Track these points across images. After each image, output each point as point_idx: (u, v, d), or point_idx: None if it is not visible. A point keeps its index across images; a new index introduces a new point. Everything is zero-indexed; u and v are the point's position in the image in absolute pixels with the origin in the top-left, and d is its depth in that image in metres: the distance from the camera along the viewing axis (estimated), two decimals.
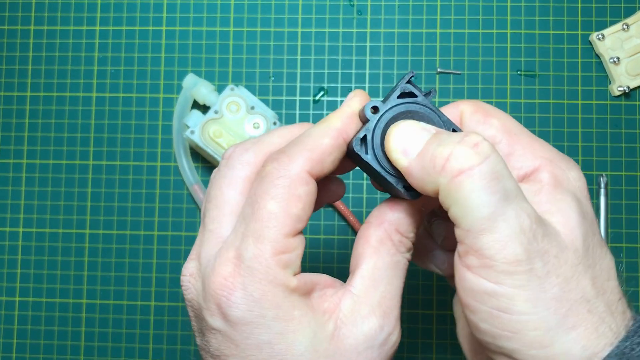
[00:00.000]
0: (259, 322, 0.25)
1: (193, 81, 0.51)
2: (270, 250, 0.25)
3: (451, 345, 0.51)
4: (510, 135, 0.27)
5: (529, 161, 0.27)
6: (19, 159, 0.54)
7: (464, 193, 0.23)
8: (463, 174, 0.23)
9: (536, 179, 0.26)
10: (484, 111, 0.28)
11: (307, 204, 0.26)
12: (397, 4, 0.53)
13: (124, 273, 0.52)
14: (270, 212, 0.25)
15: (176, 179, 0.53)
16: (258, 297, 0.25)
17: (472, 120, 0.28)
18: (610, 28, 0.51)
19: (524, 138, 0.27)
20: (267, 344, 0.25)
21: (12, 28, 0.55)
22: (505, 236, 0.23)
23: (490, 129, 0.28)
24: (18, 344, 0.52)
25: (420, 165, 0.24)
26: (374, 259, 0.27)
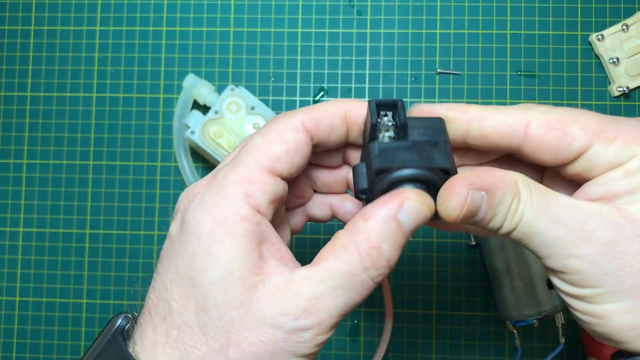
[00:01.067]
0: (195, 232, 0.25)
1: (193, 81, 0.51)
2: (239, 175, 0.25)
3: (451, 345, 0.51)
4: (594, 136, 0.26)
5: (623, 154, 0.26)
6: (20, 159, 0.54)
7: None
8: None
9: (627, 168, 0.26)
10: (559, 125, 0.26)
11: (291, 148, 0.26)
12: (397, 4, 0.53)
13: (124, 273, 0.52)
14: (254, 144, 0.26)
15: (176, 179, 0.53)
16: (206, 207, 0.25)
17: (549, 139, 0.26)
18: (610, 29, 0.51)
19: (609, 131, 0.26)
20: (190, 255, 0.25)
21: (12, 28, 0.55)
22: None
23: (575, 141, 0.26)
24: (18, 343, 0.52)
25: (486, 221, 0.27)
26: (330, 261, 0.25)
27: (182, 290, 0.25)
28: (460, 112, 0.27)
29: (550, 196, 0.26)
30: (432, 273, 0.51)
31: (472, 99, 0.52)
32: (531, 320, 0.47)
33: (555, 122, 0.26)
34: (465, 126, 0.27)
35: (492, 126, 0.27)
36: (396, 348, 0.51)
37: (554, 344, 0.50)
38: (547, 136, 0.26)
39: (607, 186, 0.26)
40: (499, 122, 0.27)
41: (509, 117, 0.27)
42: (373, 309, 0.51)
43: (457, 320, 0.51)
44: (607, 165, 0.26)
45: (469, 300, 0.51)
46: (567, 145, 0.26)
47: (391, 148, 0.26)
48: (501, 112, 0.27)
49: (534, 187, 0.26)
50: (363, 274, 0.25)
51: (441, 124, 0.27)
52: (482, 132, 0.27)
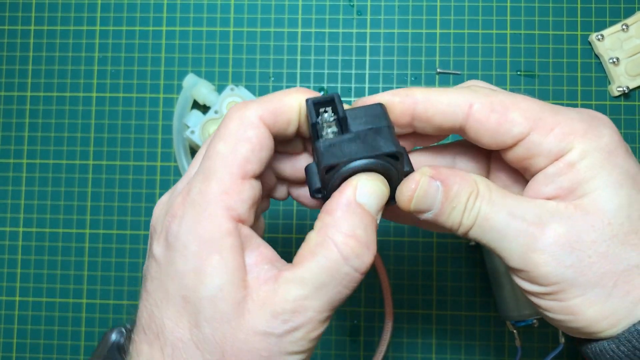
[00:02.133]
0: (182, 252, 0.25)
1: (193, 81, 0.51)
2: (216, 187, 0.25)
3: (451, 345, 0.51)
4: (535, 122, 0.27)
5: (561, 143, 0.26)
6: (19, 158, 0.54)
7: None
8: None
9: (567, 160, 0.26)
10: (501, 109, 0.27)
11: (256, 146, 0.26)
12: (397, 4, 0.53)
13: (124, 273, 0.52)
14: (218, 152, 0.26)
15: (176, 179, 0.53)
16: (189, 227, 0.25)
17: (489, 122, 0.27)
18: (610, 28, 0.51)
19: (548, 119, 0.27)
20: (180, 277, 0.25)
21: (12, 28, 0.55)
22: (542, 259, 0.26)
23: (514, 127, 0.27)
24: (18, 343, 0.52)
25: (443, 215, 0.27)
26: (310, 261, 0.25)
27: (174, 309, 0.25)
28: (405, 95, 0.28)
29: (508, 195, 0.27)
30: (432, 273, 0.51)
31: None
32: (531, 321, 0.47)
33: (498, 105, 0.27)
34: (411, 109, 0.28)
35: (436, 108, 0.27)
36: (396, 348, 0.51)
37: (554, 344, 0.50)
38: (489, 119, 0.27)
39: (556, 183, 0.26)
40: (443, 103, 0.27)
41: (453, 98, 0.27)
42: (373, 309, 0.51)
43: (457, 321, 0.51)
44: (546, 154, 0.26)
45: (468, 300, 0.51)
46: (507, 130, 0.27)
47: (335, 143, 0.26)
48: (445, 93, 0.28)
49: (494, 187, 0.27)
50: (345, 265, 0.25)
51: (381, 110, 0.27)
52: (427, 114, 0.28)
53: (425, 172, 0.27)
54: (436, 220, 0.28)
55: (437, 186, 0.27)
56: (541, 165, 0.27)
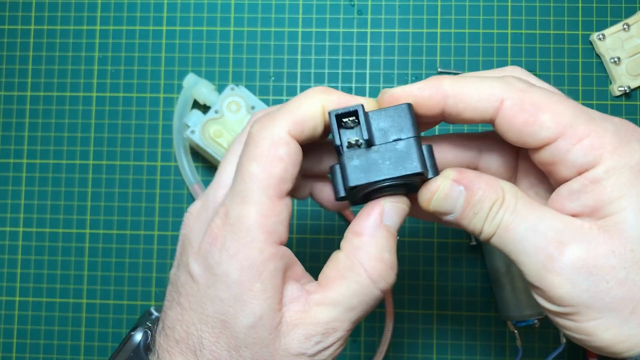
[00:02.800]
0: (223, 279, 0.25)
1: (193, 81, 0.51)
2: (255, 212, 0.25)
3: (451, 345, 0.51)
4: (564, 129, 0.25)
5: (589, 156, 0.25)
6: (19, 158, 0.54)
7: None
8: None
9: (593, 177, 0.25)
10: (532, 109, 0.25)
11: (289, 164, 0.26)
12: (397, 3, 0.53)
13: (124, 273, 0.52)
14: (252, 174, 0.26)
15: (176, 179, 0.53)
16: (232, 254, 0.25)
17: (518, 121, 0.26)
18: (611, 28, 0.51)
19: (580, 128, 0.25)
20: (220, 302, 0.26)
21: (12, 28, 0.55)
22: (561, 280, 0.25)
23: (542, 130, 0.25)
24: (18, 343, 0.52)
25: (465, 219, 0.27)
26: (340, 284, 0.26)
27: (213, 331, 0.26)
28: (435, 88, 0.27)
29: (534, 206, 0.26)
30: (433, 273, 0.51)
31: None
32: (532, 321, 0.47)
33: (530, 104, 0.26)
34: (441, 104, 0.27)
35: (466, 103, 0.26)
36: (397, 348, 0.51)
37: (555, 344, 0.50)
38: (517, 118, 0.26)
39: (581, 201, 0.25)
40: (473, 98, 0.26)
41: (484, 92, 0.26)
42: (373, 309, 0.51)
43: (458, 321, 0.51)
44: (571, 164, 0.25)
45: (469, 300, 0.51)
46: (535, 132, 0.26)
47: (361, 160, 0.26)
48: (477, 86, 0.26)
49: (521, 197, 0.26)
50: (374, 289, 0.26)
51: (408, 114, 0.27)
52: (457, 109, 0.27)
53: (449, 175, 0.27)
54: (458, 223, 0.28)
55: (460, 190, 0.27)
56: (565, 174, 0.26)
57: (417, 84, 0.27)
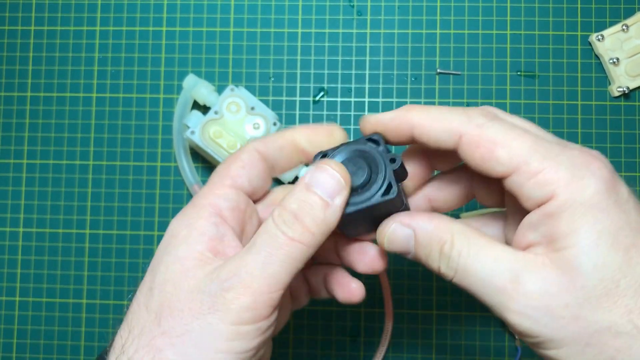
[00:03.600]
0: (167, 234, 0.30)
1: (193, 82, 0.51)
2: (206, 190, 0.30)
3: (451, 345, 0.51)
4: (519, 165, 0.26)
5: (541, 191, 0.26)
6: (19, 159, 0.54)
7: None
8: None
9: (548, 211, 0.26)
10: (488, 144, 0.27)
11: (246, 164, 0.31)
12: (397, 4, 0.53)
13: (124, 273, 0.52)
14: (218, 169, 0.31)
15: (176, 179, 0.53)
16: (179, 216, 0.30)
17: (475, 156, 0.27)
18: (610, 29, 0.51)
19: (534, 163, 0.26)
20: (158, 252, 0.29)
21: (12, 28, 0.55)
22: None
23: (497, 165, 0.27)
24: (18, 344, 0.52)
25: (421, 259, 0.29)
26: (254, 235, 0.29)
27: (144, 281, 0.29)
28: (403, 118, 0.29)
29: (489, 247, 0.27)
30: (432, 273, 0.51)
31: (472, 99, 0.52)
32: None
33: (486, 141, 0.27)
34: (409, 133, 0.29)
35: (429, 135, 0.29)
36: (396, 348, 0.51)
37: None
38: (474, 153, 0.27)
39: (539, 232, 0.26)
40: (436, 130, 0.28)
41: (445, 125, 0.28)
42: (373, 310, 0.51)
43: (457, 321, 0.51)
44: (529, 198, 0.26)
45: (468, 300, 0.51)
46: (492, 167, 0.27)
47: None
48: (440, 118, 0.28)
49: (474, 240, 0.27)
50: (276, 230, 0.27)
51: (371, 148, 0.30)
52: (422, 139, 0.29)
53: (397, 219, 0.29)
54: (418, 261, 0.29)
55: (409, 233, 0.29)
56: (527, 205, 0.27)
57: (389, 113, 0.30)
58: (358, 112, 0.53)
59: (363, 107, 0.53)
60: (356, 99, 0.53)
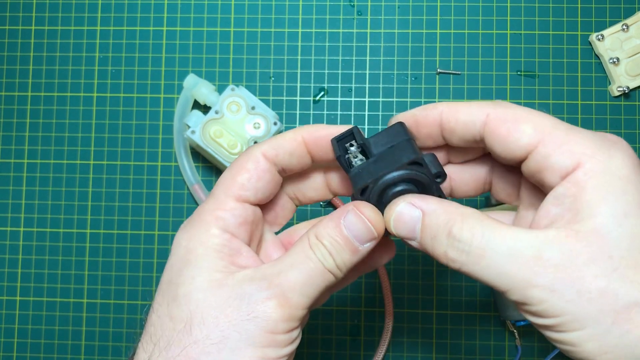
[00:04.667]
0: (175, 248, 0.29)
1: (194, 81, 0.51)
2: (211, 204, 0.30)
3: (451, 344, 0.51)
4: (544, 136, 0.27)
5: (568, 160, 0.26)
6: (20, 158, 0.54)
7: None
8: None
9: (574, 180, 0.26)
10: (513, 119, 0.27)
11: (253, 176, 0.30)
12: (397, 4, 0.54)
13: (125, 272, 0.52)
14: (221, 179, 0.31)
15: (177, 179, 0.53)
16: (185, 230, 0.30)
17: (501, 131, 0.28)
18: (610, 29, 0.51)
19: (559, 135, 0.26)
20: (170, 266, 0.29)
21: (13, 28, 0.55)
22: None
23: (523, 137, 0.27)
24: (19, 343, 0.52)
25: (427, 245, 0.28)
26: (290, 250, 0.29)
27: (161, 294, 0.28)
28: (432, 108, 0.30)
29: (504, 229, 0.26)
30: (432, 273, 0.51)
31: (473, 99, 0.52)
32: None
33: (511, 117, 0.28)
34: (438, 120, 0.29)
35: (457, 118, 0.29)
36: (396, 347, 0.51)
37: None
38: (500, 128, 0.28)
39: (564, 204, 0.26)
40: (463, 113, 0.29)
41: (473, 109, 0.29)
42: (373, 309, 0.51)
43: (457, 320, 0.51)
44: (554, 169, 0.26)
45: (469, 299, 0.51)
46: (516, 140, 0.27)
47: (362, 168, 0.29)
48: (467, 104, 0.29)
49: (487, 221, 0.27)
50: (315, 258, 0.28)
51: (400, 128, 0.30)
52: (450, 124, 0.29)
53: (407, 199, 0.28)
54: (423, 250, 0.29)
55: (418, 214, 0.28)
56: (551, 180, 0.26)
57: (418, 107, 0.30)
58: (358, 112, 0.53)
59: (363, 107, 0.53)
60: (356, 98, 0.53)
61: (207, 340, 0.26)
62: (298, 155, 0.31)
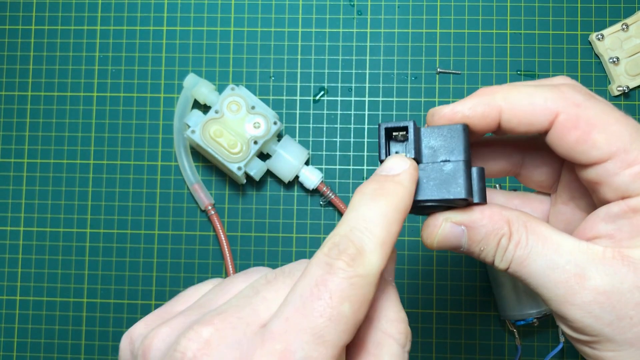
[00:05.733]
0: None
1: (194, 81, 0.51)
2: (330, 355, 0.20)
3: (451, 344, 0.51)
4: (617, 152, 0.24)
5: (634, 183, 0.24)
6: (20, 158, 0.54)
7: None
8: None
9: (635, 205, 0.24)
10: (586, 126, 0.25)
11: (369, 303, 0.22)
12: (397, 4, 0.54)
13: (125, 272, 0.52)
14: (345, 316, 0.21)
15: (177, 179, 0.53)
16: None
17: (570, 138, 0.25)
18: (610, 28, 0.51)
19: (632, 152, 0.24)
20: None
21: (13, 27, 0.55)
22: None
23: (593, 150, 0.25)
24: (19, 342, 0.52)
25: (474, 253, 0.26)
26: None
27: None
28: (488, 105, 0.26)
29: (548, 237, 0.25)
30: (432, 272, 0.51)
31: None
32: (531, 320, 0.47)
33: (584, 122, 0.25)
34: (496, 120, 0.26)
35: (520, 117, 0.25)
36: None
37: (554, 343, 0.50)
38: (570, 134, 0.25)
39: (616, 224, 0.25)
40: (527, 112, 0.25)
41: (539, 103, 0.25)
42: None
43: (457, 320, 0.51)
44: (615, 188, 0.25)
45: (469, 299, 0.51)
46: (585, 151, 0.25)
47: None
48: (531, 96, 0.25)
49: (532, 228, 0.25)
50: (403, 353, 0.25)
51: (460, 135, 0.26)
52: (511, 124, 0.26)
53: (449, 218, 0.26)
54: (471, 255, 0.27)
55: (462, 230, 0.26)
56: (608, 196, 0.25)
57: (468, 101, 0.26)
58: (358, 112, 0.53)
59: (363, 106, 0.53)
60: (356, 98, 0.53)
61: None
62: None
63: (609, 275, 0.24)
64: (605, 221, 0.25)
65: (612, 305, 0.23)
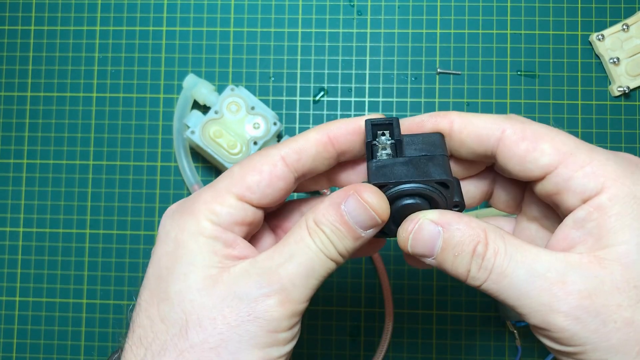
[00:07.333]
0: (163, 238, 0.28)
1: (193, 81, 0.51)
2: (209, 196, 0.28)
3: (451, 345, 0.51)
4: (565, 157, 0.25)
5: (591, 183, 0.25)
6: (20, 159, 0.54)
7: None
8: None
9: (597, 204, 0.25)
10: (533, 137, 0.26)
11: (264, 180, 0.28)
12: (397, 4, 0.53)
13: (124, 273, 0.52)
14: (231, 172, 0.28)
15: (176, 179, 0.53)
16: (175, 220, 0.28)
17: (519, 149, 0.26)
18: (610, 28, 0.51)
19: (581, 156, 0.25)
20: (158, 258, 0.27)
21: (12, 28, 0.55)
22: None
23: (543, 157, 0.26)
24: (18, 343, 0.52)
25: (446, 262, 0.26)
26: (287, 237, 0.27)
27: (149, 290, 0.27)
28: (443, 116, 0.28)
29: (526, 248, 0.25)
30: (432, 273, 0.51)
31: (472, 99, 0.52)
32: None
33: (531, 133, 0.26)
34: (448, 129, 0.28)
35: (469, 130, 0.27)
36: (396, 348, 0.51)
37: None
38: (518, 145, 0.26)
39: (585, 229, 0.25)
40: (477, 126, 0.27)
41: (488, 121, 0.27)
42: (373, 309, 0.51)
43: (457, 321, 0.51)
44: (575, 192, 0.25)
45: (469, 300, 0.51)
46: (535, 159, 0.26)
47: (387, 164, 0.27)
48: (481, 116, 0.27)
49: (509, 239, 0.26)
50: (315, 247, 0.26)
51: (439, 139, 0.28)
52: (461, 135, 0.28)
53: (426, 215, 0.26)
54: (440, 267, 0.27)
55: (438, 231, 0.26)
56: (570, 203, 0.25)
57: (427, 113, 0.29)
58: (358, 112, 0.53)
59: (363, 107, 0.53)
60: (356, 98, 0.53)
61: (204, 344, 0.24)
62: (323, 157, 0.28)
63: (590, 278, 0.24)
64: (574, 228, 0.26)
65: (596, 310, 0.24)
